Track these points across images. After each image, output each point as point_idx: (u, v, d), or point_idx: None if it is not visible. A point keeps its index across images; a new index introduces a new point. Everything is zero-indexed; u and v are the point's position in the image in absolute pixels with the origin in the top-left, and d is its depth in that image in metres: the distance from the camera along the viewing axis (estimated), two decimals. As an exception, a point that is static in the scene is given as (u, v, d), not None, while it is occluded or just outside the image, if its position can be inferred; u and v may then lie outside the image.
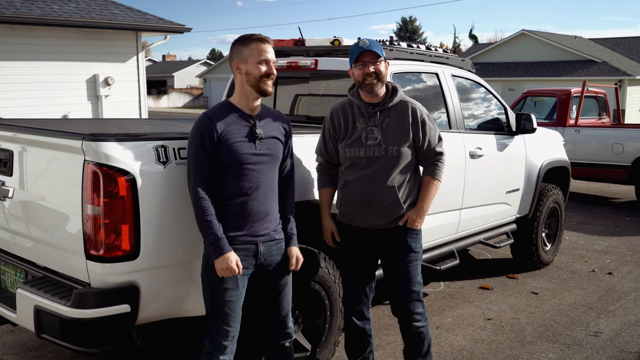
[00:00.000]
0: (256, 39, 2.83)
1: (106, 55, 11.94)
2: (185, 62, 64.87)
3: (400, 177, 3.25)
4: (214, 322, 2.82)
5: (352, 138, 3.27)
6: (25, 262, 3.24)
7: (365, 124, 3.24)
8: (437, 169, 3.34)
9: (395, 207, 3.26)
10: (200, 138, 2.73)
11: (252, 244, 2.83)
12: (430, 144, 3.30)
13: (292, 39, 4.88)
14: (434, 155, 3.33)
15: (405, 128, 3.23)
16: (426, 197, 3.32)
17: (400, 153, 3.21)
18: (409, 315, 3.37)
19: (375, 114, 3.23)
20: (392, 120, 3.23)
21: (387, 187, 3.23)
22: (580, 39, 33.15)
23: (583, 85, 10.34)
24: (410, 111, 3.25)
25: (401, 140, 3.22)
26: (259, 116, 2.89)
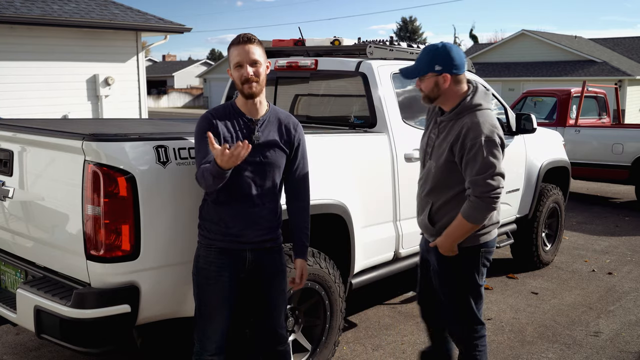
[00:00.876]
0: (233, 43, 2.76)
1: (106, 55, 11.93)
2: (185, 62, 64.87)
3: (439, 194, 2.97)
4: (201, 322, 2.82)
5: (422, 140, 3.15)
6: (26, 262, 3.24)
7: (431, 129, 3.07)
8: (469, 206, 2.81)
9: (428, 223, 3.04)
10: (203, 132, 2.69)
11: (238, 249, 2.78)
12: (470, 174, 2.79)
13: (292, 39, 4.89)
14: (472, 191, 2.80)
15: (447, 145, 2.88)
16: (450, 229, 2.90)
17: (437, 171, 2.94)
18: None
19: (439, 124, 2.99)
20: (445, 134, 2.93)
21: (425, 200, 3.05)
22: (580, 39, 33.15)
23: (583, 85, 10.34)
24: (460, 130, 2.83)
25: (440, 156, 2.92)
26: (262, 121, 2.81)
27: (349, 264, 3.90)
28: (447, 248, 2.94)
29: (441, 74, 2.86)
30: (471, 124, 2.81)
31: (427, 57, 2.89)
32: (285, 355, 3.03)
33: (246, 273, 2.82)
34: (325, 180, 3.67)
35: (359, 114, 4.42)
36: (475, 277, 3.02)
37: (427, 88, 2.91)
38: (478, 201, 2.77)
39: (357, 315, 4.86)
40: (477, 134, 2.77)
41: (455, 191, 2.94)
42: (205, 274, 2.77)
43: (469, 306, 3.04)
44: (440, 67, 2.85)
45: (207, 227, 2.78)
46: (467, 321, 3.07)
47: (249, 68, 2.71)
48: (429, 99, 2.95)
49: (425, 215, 3.04)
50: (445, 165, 2.90)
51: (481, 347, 3.11)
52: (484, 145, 2.76)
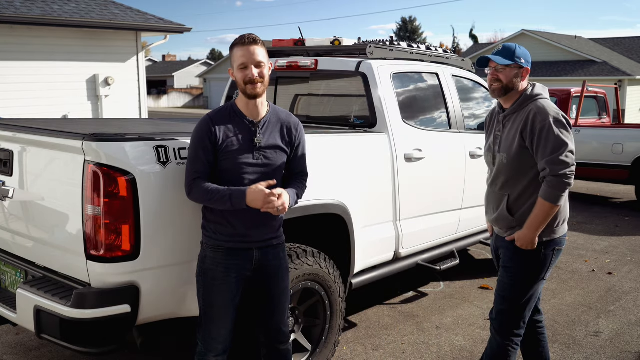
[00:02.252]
0: (237, 43, 2.75)
1: (106, 55, 11.94)
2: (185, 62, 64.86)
3: (514, 184, 3.06)
4: (207, 323, 2.82)
5: (488, 142, 3.26)
6: (26, 262, 3.24)
7: (495, 128, 3.19)
8: (547, 186, 2.90)
9: (505, 217, 3.10)
10: (201, 139, 2.71)
11: (247, 249, 2.80)
12: (543, 154, 2.91)
13: (292, 39, 4.89)
14: (547, 170, 2.90)
15: (516, 133, 3.01)
16: (531, 219, 2.98)
17: (510, 161, 3.04)
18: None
19: (503, 120, 3.13)
20: (511, 125, 3.07)
21: (499, 194, 3.13)
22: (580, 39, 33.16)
23: (583, 85, 10.34)
24: (527, 116, 2.98)
25: (510, 146, 3.04)
26: (262, 123, 2.81)
27: (349, 264, 3.90)
28: (529, 239, 3.00)
29: (523, 68, 3.06)
30: (537, 109, 2.97)
31: (510, 50, 3.04)
32: (286, 354, 3.03)
33: (252, 271, 2.84)
34: (325, 180, 3.67)
35: (359, 114, 4.42)
36: (544, 273, 3.12)
37: (508, 78, 3.03)
38: (555, 180, 2.88)
39: (357, 315, 4.86)
40: (544, 117, 2.93)
41: (529, 178, 3.03)
42: (213, 275, 2.77)
43: (526, 302, 3.12)
44: (524, 61, 3.06)
45: (213, 228, 2.78)
46: (517, 315, 3.14)
47: (254, 69, 2.72)
48: (504, 90, 3.05)
49: (502, 208, 3.10)
50: (517, 152, 3.01)
51: (515, 345, 3.18)
52: (553, 125, 2.91)
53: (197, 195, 2.71)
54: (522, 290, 3.11)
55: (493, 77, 3.07)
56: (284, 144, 2.85)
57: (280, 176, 2.88)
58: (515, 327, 3.15)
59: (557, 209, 2.96)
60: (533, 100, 3.04)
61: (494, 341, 3.21)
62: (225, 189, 2.67)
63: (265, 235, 2.83)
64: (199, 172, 2.71)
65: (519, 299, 3.12)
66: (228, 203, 2.66)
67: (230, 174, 2.73)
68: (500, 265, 3.22)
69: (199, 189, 2.69)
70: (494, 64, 3.06)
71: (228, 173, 2.73)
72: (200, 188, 2.69)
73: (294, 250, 3.45)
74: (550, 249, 3.08)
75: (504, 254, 3.18)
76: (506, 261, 3.15)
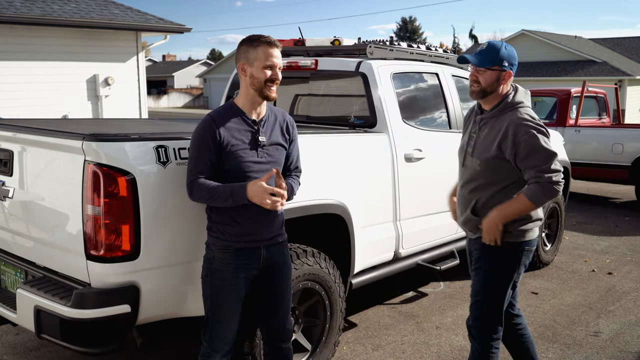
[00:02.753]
0: (264, 42, 2.75)
1: (106, 55, 11.93)
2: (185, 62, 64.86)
3: (484, 190, 3.01)
4: (213, 324, 2.82)
5: (462, 140, 3.17)
6: (26, 262, 3.24)
7: (471, 129, 3.11)
8: (537, 189, 2.86)
9: (471, 219, 3.06)
10: (204, 140, 2.70)
11: (255, 248, 2.82)
12: (533, 165, 2.86)
13: (292, 39, 4.89)
14: (534, 179, 2.87)
15: (493, 141, 2.93)
16: (504, 206, 2.93)
17: (483, 167, 2.97)
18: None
19: (479, 122, 3.04)
20: (488, 130, 2.98)
21: (468, 197, 3.07)
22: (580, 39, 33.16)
23: (583, 85, 10.34)
24: (506, 128, 2.89)
25: (486, 153, 2.95)
26: (263, 121, 2.83)
27: (349, 264, 3.90)
28: (493, 223, 2.93)
29: (506, 71, 2.93)
30: (518, 120, 2.88)
31: (494, 51, 2.92)
32: (287, 353, 3.05)
33: (259, 270, 2.85)
34: (325, 180, 3.67)
35: (359, 114, 4.42)
36: (514, 275, 3.07)
37: (488, 81, 2.92)
38: (550, 186, 2.86)
39: (357, 315, 4.86)
40: (528, 128, 2.86)
41: (500, 186, 2.99)
42: (221, 276, 2.77)
43: (499, 304, 3.08)
44: (507, 64, 2.93)
45: (221, 229, 2.78)
46: (492, 319, 3.10)
47: (279, 72, 2.77)
48: (483, 93, 2.95)
49: (468, 211, 3.06)
50: (493, 162, 2.94)
51: (495, 349, 3.13)
52: (538, 136, 2.85)
53: (199, 195, 2.71)
54: (495, 292, 3.06)
55: (472, 78, 2.97)
56: (283, 140, 2.89)
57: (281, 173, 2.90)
58: (493, 332, 3.11)
59: (531, 210, 2.95)
60: (514, 108, 2.93)
61: (475, 349, 3.18)
62: (225, 186, 2.68)
63: (271, 233, 2.85)
64: (201, 173, 2.70)
65: (492, 301, 3.07)
66: (230, 199, 2.67)
67: (236, 173, 2.73)
68: (472, 268, 3.17)
69: (199, 188, 2.69)
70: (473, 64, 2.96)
71: (233, 173, 2.73)
72: (201, 187, 2.69)
73: (294, 250, 3.45)
74: (520, 248, 3.03)
75: (475, 256, 3.13)
76: (477, 262, 3.10)
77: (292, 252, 3.42)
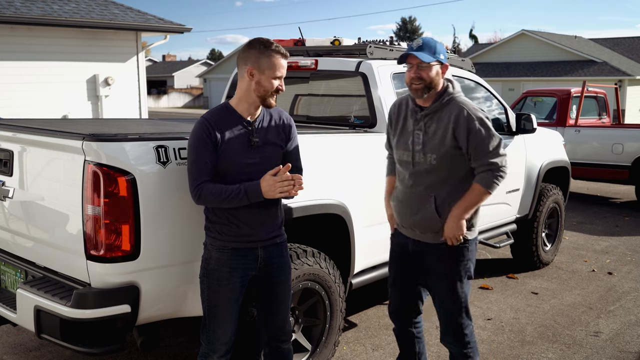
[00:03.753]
0: (278, 52, 2.73)
1: (106, 55, 11.94)
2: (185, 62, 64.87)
3: (442, 185, 2.99)
4: (211, 324, 2.82)
5: (401, 140, 3.10)
6: (26, 262, 3.24)
7: (413, 126, 3.05)
8: (490, 176, 2.93)
9: (432, 219, 3.00)
10: (202, 142, 2.69)
11: (252, 248, 2.81)
12: (483, 153, 2.91)
13: (292, 39, 4.88)
14: (491, 164, 2.93)
15: (445, 133, 2.93)
16: (461, 203, 2.96)
17: (440, 161, 2.95)
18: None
19: (423, 118, 3.01)
20: (436, 125, 2.97)
21: (423, 195, 3.01)
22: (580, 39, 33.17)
23: (583, 85, 10.35)
24: (457, 115, 2.92)
25: (439, 147, 2.94)
26: (258, 122, 2.82)
27: (349, 264, 3.90)
28: (456, 223, 2.95)
29: (444, 64, 2.98)
30: (467, 108, 2.94)
31: (432, 46, 2.93)
32: (287, 353, 3.04)
33: (257, 270, 2.85)
34: (325, 180, 3.67)
35: (359, 114, 4.42)
36: (472, 270, 3.12)
37: (430, 76, 2.92)
38: (497, 169, 2.93)
39: (357, 315, 4.86)
40: (477, 115, 2.93)
41: (459, 178, 3.00)
42: (217, 276, 2.77)
43: (466, 301, 3.11)
44: (443, 57, 2.96)
45: (218, 229, 2.78)
46: (466, 318, 3.12)
47: (283, 82, 2.79)
48: (427, 89, 2.94)
49: (429, 210, 2.99)
50: (449, 153, 2.94)
51: (473, 343, 3.17)
52: (487, 123, 2.94)
53: (208, 199, 2.69)
54: (463, 292, 3.08)
55: (415, 75, 2.91)
56: (279, 140, 2.87)
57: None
58: (467, 329, 3.13)
59: (486, 198, 2.99)
60: (455, 98, 2.98)
61: (455, 351, 3.18)
62: (236, 187, 2.67)
63: (269, 233, 2.84)
64: (204, 175, 2.69)
65: (463, 303, 3.08)
66: (245, 199, 2.68)
67: (231, 173, 2.73)
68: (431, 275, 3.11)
69: (208, 191, 2.68)
70: (415, 60, 2.90)
71: (229, 172, 2.73)
72: (209, 191, 2.68)
73: (294, 250, 3.45)
74: (473, 244, 3.10)
75: (431, 261, 3.07)
76: (438, 267, 3.06)
77: (292, 252, 3.41)
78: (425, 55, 2.89)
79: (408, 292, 3.28)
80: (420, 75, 2.91)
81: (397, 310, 3.35)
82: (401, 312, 3.34)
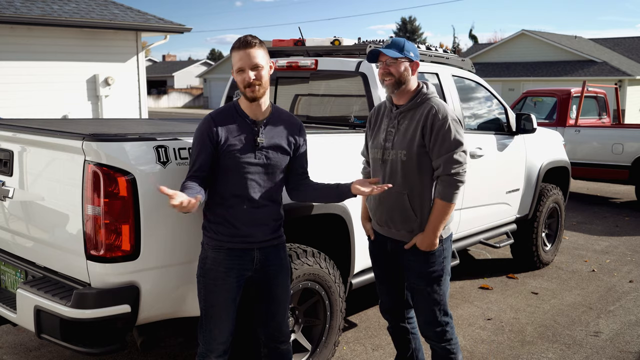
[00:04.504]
0: (233, 47, 2.75)
1: (106, 55, 11.94)
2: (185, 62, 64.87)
3: (412, 182, 3.01)
4: (208, 324, 2.82)
5: (376, 139, 3.17)
6: (26, 262, 3.24)
7: (387, 125, 3.12)
8: (443, 185, 2.95)
9: (407, 217, 3.05)
10: (202, 139, 2.73)
11: (248, 249, 2.81)
12: (438, 153, 2.94)
13: (292, 39, 4.88)
14: (443, 169, 2.94)
15: (415, 131, 2.99)
16: (431, 221, 2.99)
17: (409, 157, 2.99)
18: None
19: (397, 116, 3.08)
20: (408, 122, 3.04)
21: (395, 194, 3.04)
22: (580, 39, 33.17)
23: (583, 85, 10.35)
24: (427, 113, 2.98)
25: (410, 143, 2.99)
26: (265, 122, 2.81)
27: (349, 264, 3.90)
28: (431, 241, 3.01)
29: (413, 61, 3.05)
30: (437, 107, 3.00)
31: (399, 45, 3.03)
32: (287, 354, 3.04)
33: (254, 271, 2.84)
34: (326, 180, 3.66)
35: (359, 114, 4.42)
36: (449, 267, 3.16)
37: (398, 72, 3.01)
38: (449, 178, 2.94)
39: (357, 315, 4.86)
40: (444, 114, 2.98)
41: (429, 176, 3.03)
42: (213, 275, 2.77)
43: (444, 299, 3.14)
44: (413, 55, 3.05)
45: (215, 229, 2.78)
46: (442, 314, 3.14)
47: (250, 72, 2.71)
48: (397, 84, 3.02)
49: (404, 208, 3.04)
50: (418, 150, 2.99)
51: (455, 339, 3.20)
52: (451, 124, 2.96)
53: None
54: (441, 289, 3.11)
55: (385, 71, 3.03)
56: (287, 145, 2.86)
57: (282, 178, 2.89)
58: (447, 325, 3.15)
59: (453, 207, 3.00)
60: (428, 98, 3.05)
61: (438, 348, 3.19)
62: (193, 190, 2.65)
63: (266, 235, 2.83)
64: (195, 169, 2.72)
65: (441, 299, 3.12)
66: None
67: (232, 172, 2.74)
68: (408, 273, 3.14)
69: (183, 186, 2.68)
70: (384, 57, 3.02)
71: (230, 171, 2.75)
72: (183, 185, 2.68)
73: (294, 250, 3.46)
74: (448, 241, 3.13)
75: (408, 260, 3.11)
76: (414, 266, 3.09)
77: (292, 252, 3.42)
78: (392, 52, 2.99)
79: (395, 287, 3.33)
80: (388, 71, 3.01)
81: (388, 307, 3.40)
82: (392, 307, 3.39)
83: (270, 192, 2.82)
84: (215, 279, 2.77)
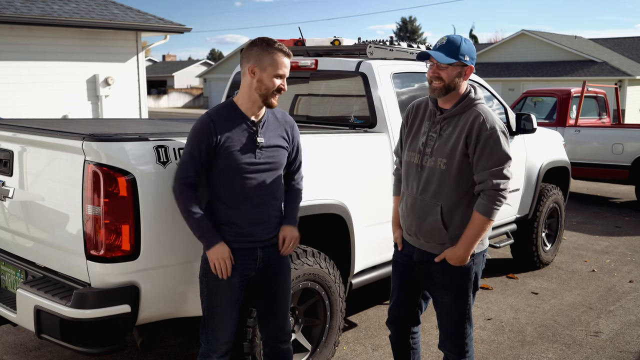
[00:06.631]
0: (280, 50, 2.72)
1: (106, 55, 11.93)
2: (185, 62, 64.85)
3: (450, 194, 2.81)
4: (211, 324, 2.82)
5: (414, 142, 2.94)
6: (26, 262, 3.24)
7: (428, 128, 2.89)
8: (487, 201, 2.74)
9: (438, 230, 2.84)
10: (200, 139, 2.70)
11: (250, 248, 2.81)
12: (484, 166, 2.73)
13: (292, 39, 4.88)
14: (488, 184, 2.74)
15: (458, 139, 2.77)
16: (467, 235, 2.79)
17: (449, 167, 2.78)
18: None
19: (440, 121, 2.85)
20: (452, 129, 2.81)
21: (430, 204, 2.84)
22: (580, 39, 33.17)
23: (583, 85, 10.35)
24: (472, 121, 2.76)
25: (451, 152, 2.78)
26: (262, 122, 2.82)
27: (349, 264, 3.90)
28: (464, 257, 2.81)
29: (467, 66, 2.80)
30: (484, 115, 2.77)
31: (455, 46, 2.77)
32: (287, 353, 3.04)
33: (256, 271, 2.85)
34: (325, 180, 3.67)
35: (359, 114, 4.42)
36: (478, 283, 3.00)
37: (450, 77, 2.77)
38: (495, 194, 2.74)
39: (357, 315, 4.86)
40: (492, 124, 2.74)
41: (467, 187, 2.82)
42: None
43: (469, 312, 2.99)
44: (468, 59, 2.79)
45: (217, 229, 2.78)
46: (466, 327, 3.00)
47: (285, 82, 2.78)
48: (446, 90, 2.79)
49: (436, 220, 2.84)
50: (460, 160, 2.78)
51: (471, 351, 3.08)
52: (500, 136, 2.74)
53: (180, 201, 2.72)
54: (467, 304, 2.96)
55: (434, 75, 2.78)
56: (283, 142, 2.87)
57: (281, 173, 2.90)
58: (468, 337, 3.01)
59: (491, 224, 2.81)
60: (476, 104, 2.82)
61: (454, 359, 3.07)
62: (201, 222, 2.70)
63: (268, 233, 2.84)
64: (192, 170, 2.71)
65: (467, 314, 2.97)
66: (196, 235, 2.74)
67: (234, 173, 2.73)
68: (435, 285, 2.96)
69: (185, 198, 2.70)
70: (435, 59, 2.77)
71: (232, 172, 2.73)
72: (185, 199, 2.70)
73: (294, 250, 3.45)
74: (480, 256, 2.94)
75: (436, 272, 2.91)
76: (443, 279, 2.91)
77: (292, 252, 3.41)
78: (442, 56, 2.75)
79: (409, 302, 3.15)
80: (438, 75, 2.78)
81: (396, 319, 3.22)
82: (400, 321, 3.22)
83: (271, 190, 2.83)
84: (218, 279, 2.77)
